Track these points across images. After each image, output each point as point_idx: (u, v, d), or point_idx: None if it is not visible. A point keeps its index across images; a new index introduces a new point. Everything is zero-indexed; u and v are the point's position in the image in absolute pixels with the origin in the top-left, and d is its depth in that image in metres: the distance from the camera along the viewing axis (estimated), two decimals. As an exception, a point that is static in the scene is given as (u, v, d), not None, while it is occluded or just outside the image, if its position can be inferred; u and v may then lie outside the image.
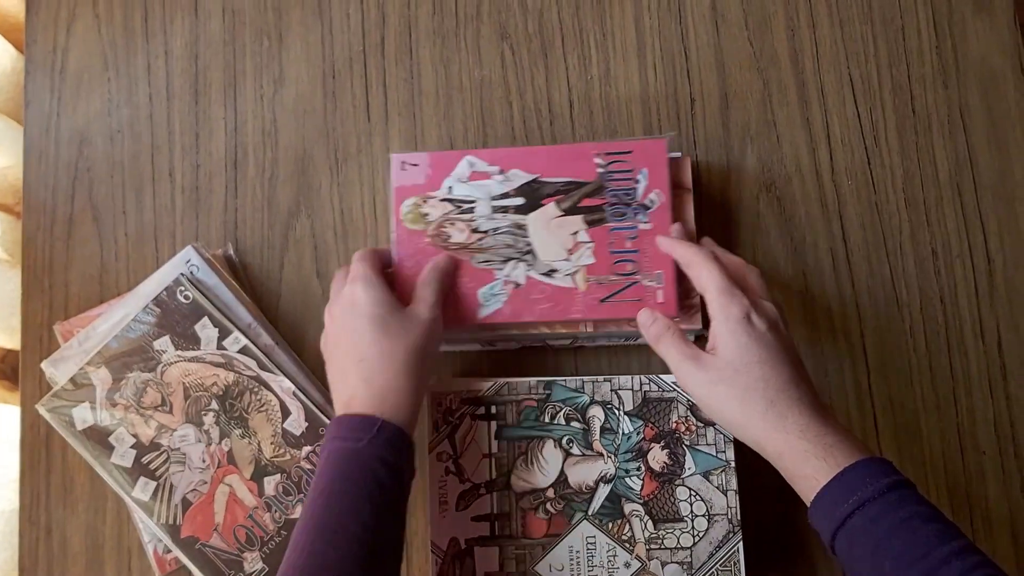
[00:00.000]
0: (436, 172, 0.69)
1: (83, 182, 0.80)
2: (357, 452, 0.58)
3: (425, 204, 0.69)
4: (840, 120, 0.78)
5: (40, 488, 0.76)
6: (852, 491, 0.53)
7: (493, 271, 0.68)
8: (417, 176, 0.69)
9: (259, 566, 0.71)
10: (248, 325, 0.74)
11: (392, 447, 0.59)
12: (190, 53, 0.81)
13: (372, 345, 0.62)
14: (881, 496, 0.52)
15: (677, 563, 0.67)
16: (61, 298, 0.79)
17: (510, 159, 0.69)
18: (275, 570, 0.71)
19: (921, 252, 0.76)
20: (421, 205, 0.69)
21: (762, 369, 0.58)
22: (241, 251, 0.78)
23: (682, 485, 0.68)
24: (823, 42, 0.79)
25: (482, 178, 0.69)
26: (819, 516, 0.55)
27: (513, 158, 0.69)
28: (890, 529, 0.52)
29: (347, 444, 0.59)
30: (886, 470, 0.54)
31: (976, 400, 0.74)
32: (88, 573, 0.75)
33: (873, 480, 0.53)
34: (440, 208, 0.69)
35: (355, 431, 0.59)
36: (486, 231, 0.68)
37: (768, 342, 0.59)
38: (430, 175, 0.69)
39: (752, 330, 0.59)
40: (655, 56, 0.79)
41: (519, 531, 0.68)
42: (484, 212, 0.69)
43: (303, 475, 0.72)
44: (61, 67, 0.82)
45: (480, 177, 0.69)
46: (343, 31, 0.81)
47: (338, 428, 0.61)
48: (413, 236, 0.69)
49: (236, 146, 0.80)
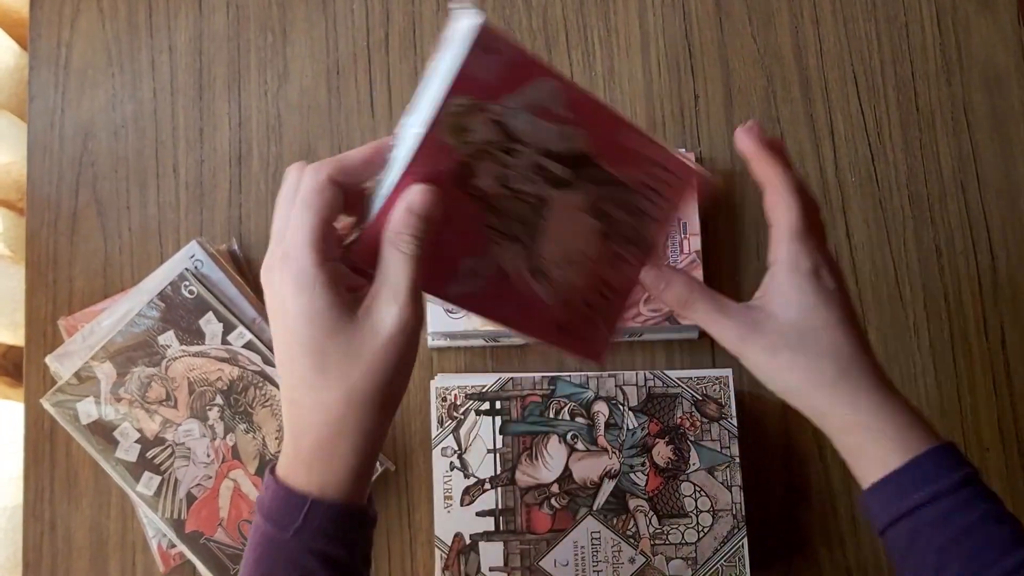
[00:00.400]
0: (510, 77, 0.46)
1: (87, 177, 0.80)
2: (283, 544, 0.45)
3: (479, 115, 0.45)
4: (844, 117, 0.78)
5: (44, 483, 0.76)
6: (925, 482, 0.48)
7: (490, 243, 0.49)
8: (489, 70, 0.45)
9: (263, 561, 0.71)
10: (252, 320, 0.74)
11: (326, 535, 0.45)
12: (194, 48, 0.81)
13: (302, 385, 0.44)
14: (956, 491, 0.48)
15: (682, 559, 0.67)
16: (65, 293, 0.79)
17: (589, 116, 0.50)
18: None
19: (925, 249, 0.76)
20: (474, 114, 0.45)
21: (832, 334, 0.50)
22: (245, 246, 0.78)
23: (687, 481, 0.68)
24: (827, 39, 0.79)
25: (547, 119, 0.48)
26: (878, 502, 0.50)
27: (592, 117, 0.50)
28: (964, 529, 0.47)
29: (271, 530, 0.45)
30: (960, 460, 0.49)
31: (980, 397, 0.74)
32: (92, 568, 0.75)
33: (948, 472, 0.48)
34: (487, 131, 0.46)
35: (280, 513, 0.45)
36: (515, 190, 0.49)
37: (838, 302, 0.50)
38: (503, 77, 0.45)
39: (821, 288, 0.50)
40: (659, 52, 0.79)
41: (524, 526, 0.68)
42: (525, 164, 0.49)
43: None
44: (65, 62, 0.82)
45: (546, 116, 0.48)
46: (347, 26, 0.81)
47: (266, 498, 0.46)
48: (441, 152, 0.45)
49: (240, 141, 0.80)
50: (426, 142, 0.44)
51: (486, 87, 0.45)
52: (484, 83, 0.45)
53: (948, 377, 0.75)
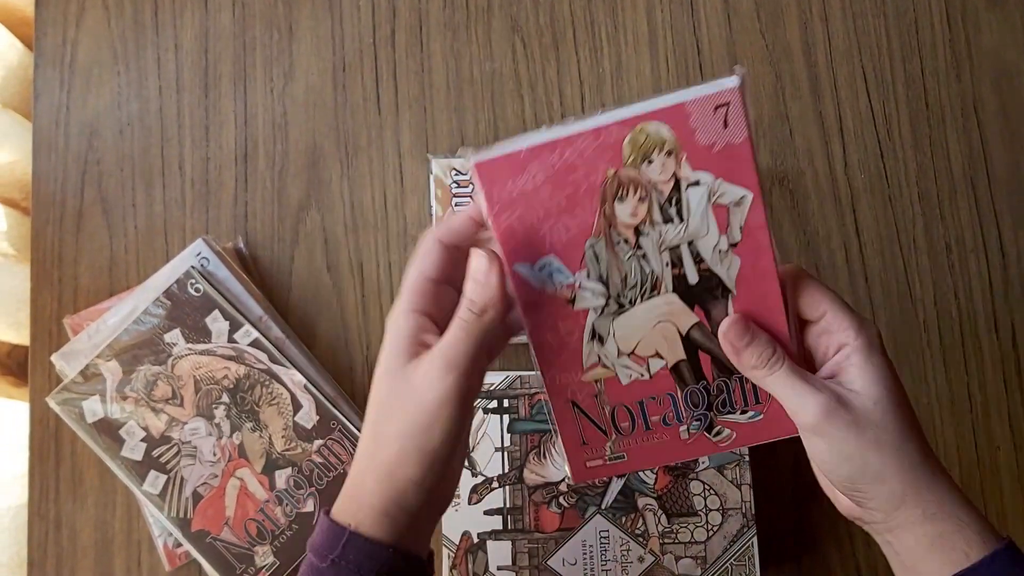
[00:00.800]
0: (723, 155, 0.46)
1: (93, 175, 0.80)
2: (321, 573, 0.46)
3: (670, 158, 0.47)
4: (853, 113, 0.78)
5: (49, 482, 0.76)
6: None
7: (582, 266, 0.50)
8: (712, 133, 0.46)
9: (270, 560, 0.71)
10: (259, 318, 0.73)
11: (360, 570, 0.45)
12: (200, 46, 0.81)
13: (368, 420, 0.48)
14: None
15: (691, 557, 0.67)
16: (71, 291, 0.78)
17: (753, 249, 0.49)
18: (286, 563, 0.70)
19: (935, 246, 0.76)
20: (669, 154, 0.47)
21: (910, 413, 0.47)
22: (251, 244, 0.78)
23: (696, 479, 0.68)
24: (836, 35, 0.78)
25: (718, 217, 0.48)
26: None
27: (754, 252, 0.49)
28: None
29: (314, 561, 0.47)
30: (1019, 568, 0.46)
31: (990, 395, 0.74)
32: (98, 567, 0.75)
33: None
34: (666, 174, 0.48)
35: (322, 545, 0.46)
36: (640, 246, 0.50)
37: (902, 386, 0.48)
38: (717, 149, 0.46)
39: (889, 362, 0.48)
40: (667, 49, 0.79)
41: (532, 525, 0.68)
42: (669, 237, 0.50)
43: (314, 468, 0.72)
44: (71, 60, 0.82)
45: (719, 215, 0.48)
46: (353, 24, 0.81)
47: (316, 534, 0.48)
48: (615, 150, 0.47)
49: (246, 139, 0.80)
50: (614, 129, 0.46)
51: (696, 147, 0.46)
52: (698, 144, 0.46)
53: (958, 375, 0.74)
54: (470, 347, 0.45)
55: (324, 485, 0.72)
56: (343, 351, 0.76)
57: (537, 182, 0.48)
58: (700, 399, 0.52)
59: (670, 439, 0.53)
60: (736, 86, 0.45)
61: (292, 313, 0.77)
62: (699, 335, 0.51)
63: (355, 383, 0.76)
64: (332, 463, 0.72)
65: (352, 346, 0.76)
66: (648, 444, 0.53)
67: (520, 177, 0.48)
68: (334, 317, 0.77)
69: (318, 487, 0.72)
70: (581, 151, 0.47)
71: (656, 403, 0.52)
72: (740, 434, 0.52)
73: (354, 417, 0.73)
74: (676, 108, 0.46)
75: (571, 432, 0.53)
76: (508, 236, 0.49)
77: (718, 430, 0.52)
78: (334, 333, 0.76)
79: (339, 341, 0.76)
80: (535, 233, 0.49)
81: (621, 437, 0.53)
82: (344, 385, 0.75)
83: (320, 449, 0.72)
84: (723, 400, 0.52)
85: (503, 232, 0.49)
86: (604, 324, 0.51)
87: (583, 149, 0.47)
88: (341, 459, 0.72)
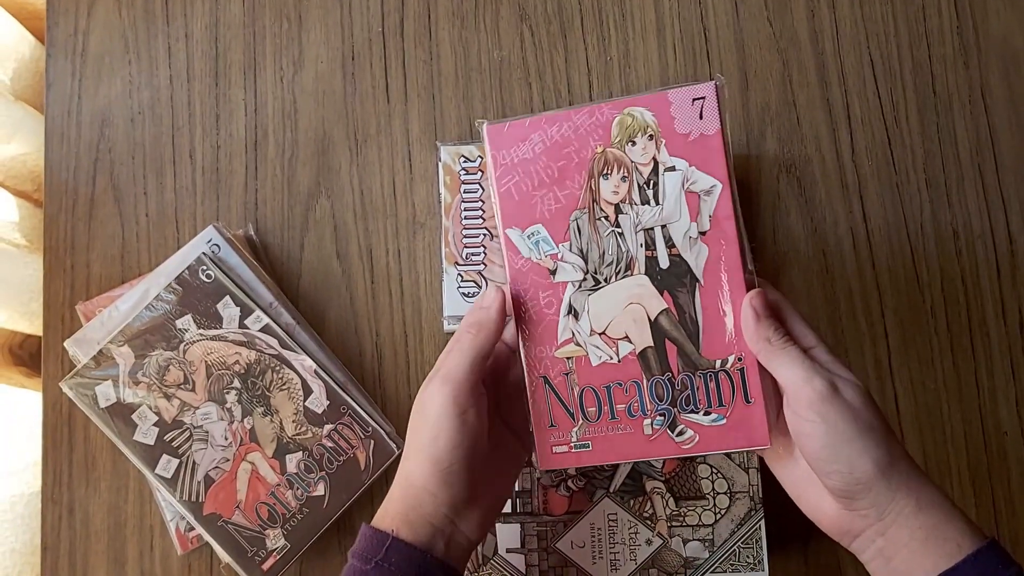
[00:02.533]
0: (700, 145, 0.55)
1: (104, 163, 0.81)
2: (364, 574, 0.51)
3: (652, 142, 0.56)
4: (860, 100, 0.78)
5: (62, 467, 0.77)
6: (1006, 565, 0.47)
7: (566, 236, 0.56)
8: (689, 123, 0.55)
9: (281, 543, 0.71)
10: (269, 304, 0.74)
11: (401, 572, 0.51)
12: (210, 35, 0.82)
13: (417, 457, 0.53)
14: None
15: (699, 540, 0.67)
16: (83, 278, 0.79)
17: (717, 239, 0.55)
18: (297, 547, 0.71)
19: (942, 232, 0.76)
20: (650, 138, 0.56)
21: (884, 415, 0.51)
22: (261, 232, 0.79)
23: (704, 463, 0.68)
24: (843, 22, 0.79)
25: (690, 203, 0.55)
26: None
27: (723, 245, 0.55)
28: None
29: (357, 565, 0.51)
30: (1005, 560, 0.48)
31: (998, 380, 0.74)
32: (110, 551, 0.75)
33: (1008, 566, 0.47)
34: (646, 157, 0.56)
35: (366, 550, 0.51)
36: (618, 224, 0.56)
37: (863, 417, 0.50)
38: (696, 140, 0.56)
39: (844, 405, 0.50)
40: (675, 37, 0.79)
41: (541, 508, 0.68)
42: (645, 218, 0.56)
43: (324, 453, 0.72)
44: (82, 50, 0.82)
45: (691, 200, 0.55)
46: (362, 12, 0.81)
47: (358, 543, 0.53)
48: (606, 129, 0.56)
49: (256, 127, 0.80)
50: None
51: (675, 134, 0.54)
52: (676, 131, 0.54)
53: (966, 360, 0.74)
54: (463, 361, 0.52)
55: (334, 469, 0.72)
56: (352, 337, 0.77)
57: (536, 151, 0.55)
58: (665, 392, 0.55)
59: (634, 432, 0.55)
60: (714, 83, 0.53)
61: (302, 299, 0.77)
62: (667, 322, 0.55)
63: (364, 369, 0.76)
64: (342, 447, 0.72)
65: (361, 332, 0.77)
66: (613, 435, 0.56)
67: (523, 145, 0.55)
68: (344, 303, 0.77)
69: (328, 471, 0.72)
70: (576, 126, 0.55)
71: (623, 391, 0.56)
72: (702, 437, 0.54)
73: (364, 402, 0.74)
74: (659, 96, 0.54)
75: (541, 410, 0.56)
76: (506, 199, 0.55)
77: (681, 429, 0.54)
78: (344, 319, 0.77)
79: (349, 327, 0.77)
80: (528, 200, 0.56)
81: (587, 423, 0.56)
82: (354, 371, 0.76)
83: (330, 434, 0.72)
84: (687, 397, 0.54)
85: (502, 195, 0.55)
86: (580, 299, 0.56)
87: (578, 125, 0.55)
88: (351, 443, 0.72)
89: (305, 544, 0.72)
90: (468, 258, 0.74)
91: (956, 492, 0.73)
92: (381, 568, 0.50)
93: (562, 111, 0.55)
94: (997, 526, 0.73)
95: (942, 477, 0.73)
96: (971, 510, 0.73)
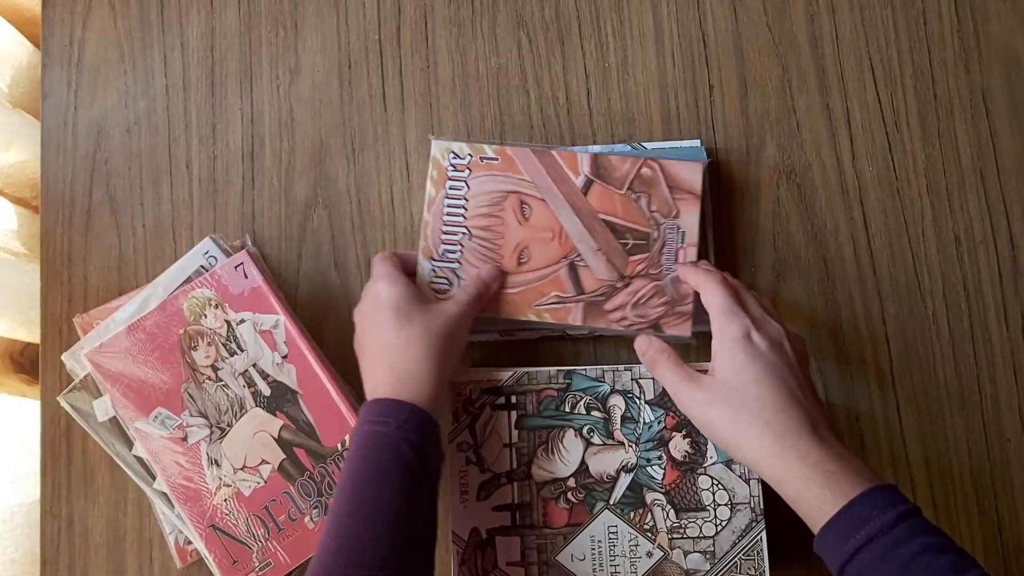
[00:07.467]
0: None
1: (100, 174, 0.80)
2: (384, 436, 0.60)
3: None
4: (860, 105, 0.77)
5: (61, 480, 0.76)
6: (859, 525, 0.52)
7: None
8: None
9: (279, 556, 0.71)
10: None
11: (417, 430, 0.60)
12: (206, 44, 0.81)
13: (395, 333, 0.64)
14: (890, 530, 0.51)
15: (700, 552, 0.67)
16: (80, 290, 0.79)
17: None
18: (294, 560, 0.71)
19: (944, 238, 0.75)
20: None
21: (758, 388, 0.57)
22: (259, 242, 0.78)
23: (704, 474, 0.68)
24: (843, 27, 0.78)
25: None
26: (826, 548, 0.54)
27: None
28: (903, 565, 0.50)
29: (375, 428, 0.60)
30: (893, 499, 0.53)
31: (1000, 387, 0.74)
32: (109, 564, 0.75)
33: (880, 512, 0.52)
34: None
35: (382, 415, 0.61)
36: None
37: (767, 361, 0.58)
38: None
39: (751, 348, 0.58)
40: (673, 43, 0.79)
41: (540, 521, 0.68)
42: None
43: (326, 476, 0.72)
44: (78, 60, 0.82)
45: None
46: (359, 20, 0.81)
47: (367, 412, 0.62)
48: None
49: (253, 137, 0.80)
50: None
51: (232, 296, 0.71)
52: (232, 294, 0.71)
53: (968, 367, 0.74)
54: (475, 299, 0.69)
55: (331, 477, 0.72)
56: (351, 348, 0.76)
57: (133, 353, 0.70)
58: (311, 489, 0.70)
59: (302, 531, 0.70)
60: (245, 251, 0.72)
61: (300, 310, 0.77)
62: (288, 434, 0.70)
63: (363, 380, 0.76)
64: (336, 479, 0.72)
65: (360, 343, 0.76)
66: (286, 543, 0.70)
67: (121, 356, 0.70)
68: (342, 314, 0.77)
69: (328, 485, 0.72)
70: (155, 323, 0.70)
71: (278, 504, 0.70)
72: None
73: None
74: (212, 275, 0.71)
75: (221, 554, 0.69)
76: (121, 401, 0.70)
77: None
78: (342, 330, 0.76)
79: (347, 338, 0.76)
80: (143, 393, 0.69)
81: (262, 545, 0.69)
82: (353, 383, 0.75)
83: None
84: (329, 483, 0.70)
85: (119, 398, 0.70)
86: (215, 449, 0.70)
87: (156, 322, 0.70)
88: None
89: (302, 559, 0.71)
90: (444, 254, 0.72)
91: (959, 499, 0.73)
92: (403, 429, 0.59)
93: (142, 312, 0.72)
94: (1000, 533, 0.72)
95: (944, 484, 0.73)
96: (974, 517, 0.73)
